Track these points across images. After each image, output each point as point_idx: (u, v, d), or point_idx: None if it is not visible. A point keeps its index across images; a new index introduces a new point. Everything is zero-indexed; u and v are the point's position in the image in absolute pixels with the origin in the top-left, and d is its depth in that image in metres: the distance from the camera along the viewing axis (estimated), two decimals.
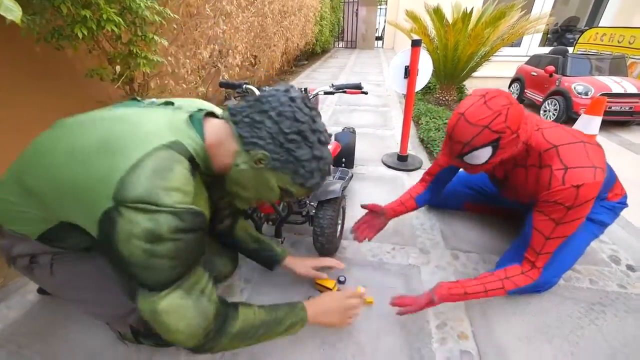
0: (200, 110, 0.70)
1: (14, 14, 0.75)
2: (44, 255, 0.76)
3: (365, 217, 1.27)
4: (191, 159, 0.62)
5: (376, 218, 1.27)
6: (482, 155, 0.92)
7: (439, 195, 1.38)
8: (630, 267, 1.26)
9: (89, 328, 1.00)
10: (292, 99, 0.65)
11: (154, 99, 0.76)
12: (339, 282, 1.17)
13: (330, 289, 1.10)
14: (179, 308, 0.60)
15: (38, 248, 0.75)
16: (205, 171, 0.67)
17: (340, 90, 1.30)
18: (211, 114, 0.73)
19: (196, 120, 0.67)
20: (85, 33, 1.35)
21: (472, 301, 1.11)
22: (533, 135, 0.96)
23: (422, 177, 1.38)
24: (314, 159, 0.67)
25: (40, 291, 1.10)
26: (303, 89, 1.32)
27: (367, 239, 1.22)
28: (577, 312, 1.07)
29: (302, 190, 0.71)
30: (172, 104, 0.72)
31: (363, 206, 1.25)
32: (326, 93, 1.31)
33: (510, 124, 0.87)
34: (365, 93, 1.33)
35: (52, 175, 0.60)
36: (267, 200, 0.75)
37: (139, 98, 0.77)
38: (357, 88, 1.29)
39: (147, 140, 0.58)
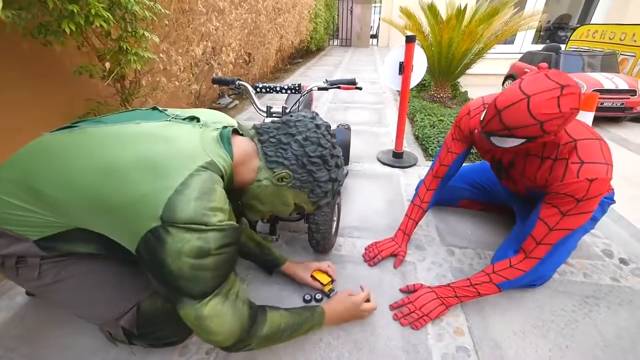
0: (225, 127, 0.76)
1: None
2: (34, 258, 0.74)
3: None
4: (222, 177, 0.67)
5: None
6: (512, 143, 0.87)
7: (445, 187, 1.34)
8: (622, 261, 1.28)
9: (79, 330, 0.97)
10: (317, 126, 0.73)
11: (177, 112, 0.79)
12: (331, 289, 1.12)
13: (324, 285, 1.10)
14: (220, 313, 0.65)
15: (32, 251, 0.72)
16: (227, 187, 0.70)
17: (334, 86, 1.29)
18: (236, 131, 0.79)
19: (225, 138, 0.72)
20: (73, 28, 1.32)
21: None
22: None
23: (428, 182, 1.29)
24: (330, 180, 0.75)
25: (29, 293, 1.07)
26: (297, 85, 1.31)
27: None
28: (572, 306, 1.08)
29: (313, 206, 0.79)
30: (197, 119, 0.76)
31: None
32: (320, 89, 1.30)
33: (560, 129, 0.82)
34: (360, 88, 1.32)
35: (75, 184, 0.61)
36: (279, 213, 0.81)
37: (160, 108, 0.80)
38: (351, 84, 1.28)
39: (188, 161, 0.63)
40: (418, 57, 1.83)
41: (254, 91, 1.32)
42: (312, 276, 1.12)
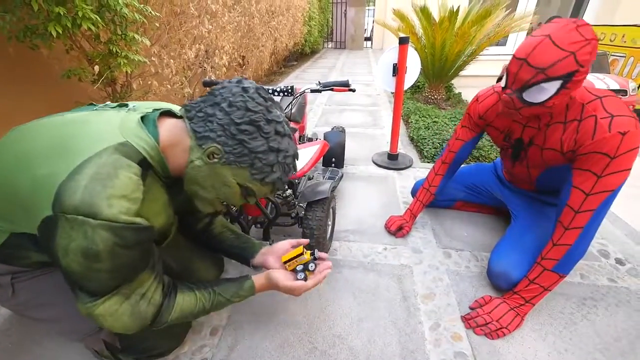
0: (156, 110, 0.67)
1: None
2: (4, 276, 0.71)
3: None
4: (142, 162, 0.60)
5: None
6: (548, 90, 0.82)
7: (452, 177, 1.38)
8: (619, 261, 1.27)
9: (66, 345, 0.94)
10: (244, 89, 0.63)
11: (108, 102, 0.73)
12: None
13: (300, 263, 0.89)
14: (115, 313, 0.61)
15: None
16: (163, 173, 0.65)
17: (328, 88, 1.28)
18: (169, 114, 0.69)
19: (150, 120, 0.64)
20: (60, 31, 1.29)
21: (464, 302, 1.10)
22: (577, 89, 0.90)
23: (437, 167, 1.34)
24: (271, 151, 0.64)
25: None
26: (289, 87, 1.29)
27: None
28: (569, 308, 1.07)
29: (263, 187, 0.68)
30: (126, 105, 0.69)
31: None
32: (313, 91, 1.28)
33: (591, 59, 0.78)
34: (353, 90, 1.31)
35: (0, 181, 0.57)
36: (228, 200, 0.71)
37: (95, 103, 0.73)
38: (344, 86, 1.27)
39: (95, 142, 0.55)
40: (411, 59, 1.83)
41: None
42: (284, 263, 0.93)
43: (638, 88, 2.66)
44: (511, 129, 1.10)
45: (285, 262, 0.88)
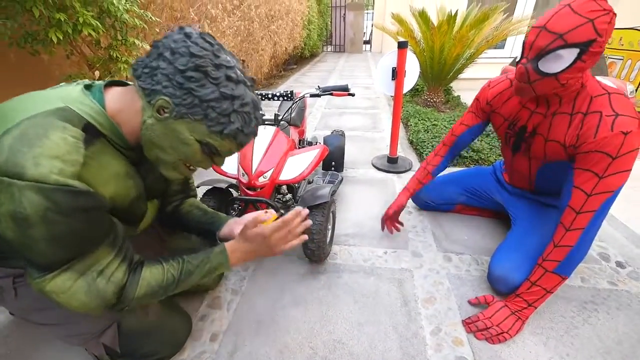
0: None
1: None
2: (6, 279, 0.71)
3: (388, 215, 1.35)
4: (87, 127, 0.56)
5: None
6: (565, 59, 0.81)
7: (452, 161, 1.37)
8: (619, 264, 1.27)
9: (64, 350, 0.94)
10: (186, 35, 0.59)
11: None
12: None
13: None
14: (68, 290, 0.57)
15: None
16: (121, 143, 0.62)
17: (327, 93, 1.28)
18: (120, 84, 0.66)
19: (96, 88, 0.61)
20: (61, 37, 1.30)
21: (465, 306, 1.09)
22: (588, 78, 0.90)
23: (438, 148, 1.34)
24: (224, 98, 0.59)
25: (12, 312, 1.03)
26: (289, 92, 1.30)
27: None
28: (570, 312, 1.06)
29: (224, 141, 0.63)
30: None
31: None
32: (312, 95, 1.29)
33: (607, 35, 0.78)
34: (352, 95, 1.31)
35: None
36: (191, 161, 0.65)
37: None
38: (343, 90, 1.27)
39: (31, 109, 0.53)
40: (410, 63, 1.84)
41: None
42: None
43: (636, 90, 2.67)
44: (517, 116, 1.08)
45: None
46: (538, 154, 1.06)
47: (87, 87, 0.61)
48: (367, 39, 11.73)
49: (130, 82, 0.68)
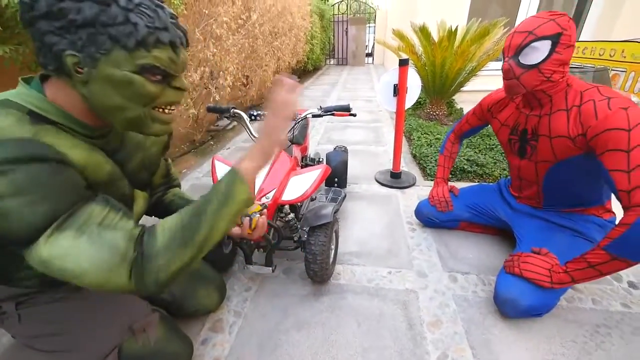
0: None
1: None
2: (8, 302, 0.71)
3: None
4: (31, 113, 0.54)
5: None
6: (541, 50, 0.93)
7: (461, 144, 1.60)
8: (631, 284, 1.23)
9: None
10: None
11: None
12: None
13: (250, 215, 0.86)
14: (69, 250, 0.52)
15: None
16: (80, 130, 0.60)
17: (329, 113, 1.29)
18: None
19: (34, 81, 0.59)
20: None
21: (472, 330, 1.06)
22: (573, 79, 1.00)
23: (452, 137, 1.55)
24: (104, 4, 0.51)
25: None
26: None
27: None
28: (582, 336, 1.03)
29: (153, 51, 0.55)
30: None
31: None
32: (314, 116, 1.30)
33: (571, 30, 0.92)
34: (354, 115, 1.32)
35: None
36: (149, 98, 0.59)
37: None
38: (345, 110, 1.28)
39: None
40: (412, 80, 1.85)
41: (248, 119, 1.32)
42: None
43: None
44: (517, 122, 1.16)
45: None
46: (547, 155, 1.07)
47: (25, 81, 0.60)
48: (370, 51, 11.94)
49: None
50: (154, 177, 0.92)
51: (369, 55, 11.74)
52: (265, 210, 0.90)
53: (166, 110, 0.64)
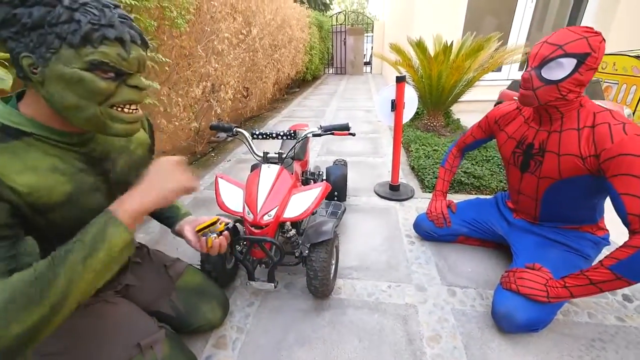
0: None
1: (5, 82, 0.77)
2: None
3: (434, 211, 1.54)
4: (3, 128, 0.59)
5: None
6: (565, 67, 0.93)
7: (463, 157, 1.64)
8: (626, 298, 1.26)
9: None
10: None
11: None
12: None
13: (214, 231, 0.93)
14: None
15: None
16: (60, 139, 0.64)
17: (329, 132, 1.33)
18: None
19: (11, 100, 0.64)
20: None
21: (471, 345, 1.08)
22: (586, 100, 1.02)
23: (454, 150, 1.58)
24: (49, 5, 0.54)
25: None
26: (292, 132, 1.35)
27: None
28: (578, 351, 1.05)
29: (100, 48, 0.57)
30: None
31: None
32: (315, 135, 1.34)
33: (600, 54, 0.92)
34: (353, 134, 1.37)
35: None
36: (101, 94, 0.60)
37: None
38: (344, 129, 1.32)
39: None
40: (409, 95, 1.91)
41: (250, 137, 1.36)
42: (197, 232, 0.93)
43: (633, 114, 2.72)
44: (524, 135, 1.17)
45: (198, 231, 0.92)
46: (551, 172, 1.09)
47: (5, 100, 0.65)
48: (368, 60, 12.12)
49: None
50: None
51: (367, 64, 11.93)
52: (226, 232, 0.96)
53: (125, 109, 0.65)
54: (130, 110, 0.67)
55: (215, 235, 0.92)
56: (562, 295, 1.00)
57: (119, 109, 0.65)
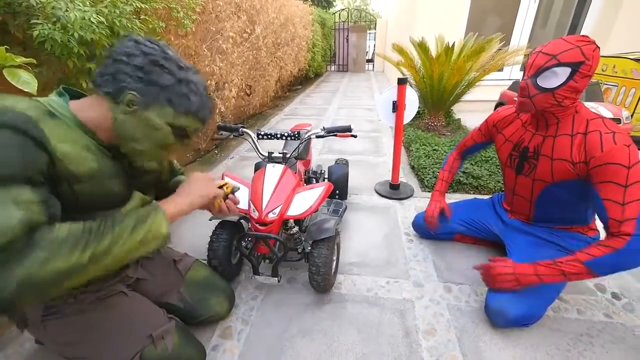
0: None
1: (30, 86, 0.82)
2: (35, 311, 0.80)
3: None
4: (51, 114, 0.66)
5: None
6: (559, 76, 0.98)
7: (464, 162, 1.65)
8: (615, 295, 1.31)
9: None
10: (136, 41, 0.71)
11: None
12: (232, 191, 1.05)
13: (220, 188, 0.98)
14: None
15: None
16: (76, 128, 0.70)
17: (331, 134, 1.38)
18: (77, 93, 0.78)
19: (63, 96, 0.72)
20: (90, 84, 1.44)
21: (464, 338, 1.14)
22: (581, 106, 1.06)
23: (455, 153, 1.60)
24: (180, 82, 0.72)
25: (38, 341, 1.10)
26: (296, 133, 1.40)
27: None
28: (566, 345, 1.11)
29: (189, 119, 0.75)
30: None
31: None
32: (318, 136, 1.39)
33: (594, 61, 0.96)
34: (355, 136, 1.42)
35: None
36: (166, 145, 0.75)
37: None
38: (347, 131, 1.37)
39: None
40: (410, 97, 1.95)
41: (256, 137, 1.41)
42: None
43: (631, 116, 2.75)
44: (521, 139, 1.22)
45: None
46: (544, 175, 1.14)
47: (59, 93, 0.73)
48: (370, 57, 12.11)
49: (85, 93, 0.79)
50: (161, 177, 1.02)
51: (370, 61, 11.91)
52: (232, 196, 1.05)
53: (168, 160, 0.79)
54: (168, 155, 0.81)
55: (221, 198, 0.99)
56: (533, 282, 1.04)
57: (161, 150, 0.78)
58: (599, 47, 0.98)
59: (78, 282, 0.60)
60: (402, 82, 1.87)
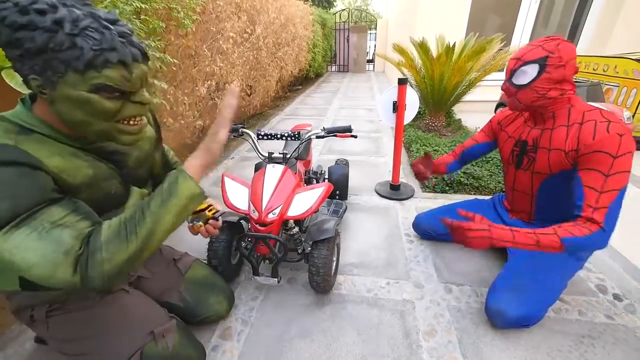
0: None
1: (24, 87, 0.82)
2: (39, 308, 0.80)
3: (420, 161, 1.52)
4: (20, 128, 0.64)
5: (425, 164, 1.51)
6: (529, 73, 1.05)
7: (462, 166, 1.60)
8: (616, 297, 1.30)
9: None
10: None
11: None
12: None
13: (204, 214, 1.01)
14: (20, 243, 0.57)
15: (30, 299, 0.80)
16: (64, 140, 0.69)
17: (331, 134, 1.38)
18: None
19: (26, 101, 0.69)
20: None
21: (465, 339, 1.13)
22: (577, 100, 1.09)
23: (453, 151, 1.58)
24: (52, 32, 0.56)
25: (38, 340, 1.10)
26: (296, 134, 1.40)
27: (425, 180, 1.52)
28: (567, 346, 1.10)
29: (104, 72, 0.60)
30: None
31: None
32: (318, 137, 1.39)
33: (561, 52, 1.01)
34: (355, 137, 1.41)
35: None
36: (104, 111, 0.64)
37: None
38: (347, 131, 1.37)
39: None
40: (410, 97, 1.95)
41: (256, 138, 1.41)
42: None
43: (633, 116, 2.74)
44: (521, 134, 1.25)
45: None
46: (542, 167, 1.16)
47: (22, 101, 0.70)
48: (371, 58, 12.10)
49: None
50: (153, 170, 1.01)
51: (370, 61, 11.90)
52: (213, 221, 1.03)
53: (131, 122, 0.70)
54: (136, 122, 0.71)
55: (202, 222, 1.00)
56: (505, 246, 1.01)
57: (125, 123, 0.70)
58: (569, 41, 1.03)
59: (145, 257, 0.67)
60: (402, 82, 1.87)
